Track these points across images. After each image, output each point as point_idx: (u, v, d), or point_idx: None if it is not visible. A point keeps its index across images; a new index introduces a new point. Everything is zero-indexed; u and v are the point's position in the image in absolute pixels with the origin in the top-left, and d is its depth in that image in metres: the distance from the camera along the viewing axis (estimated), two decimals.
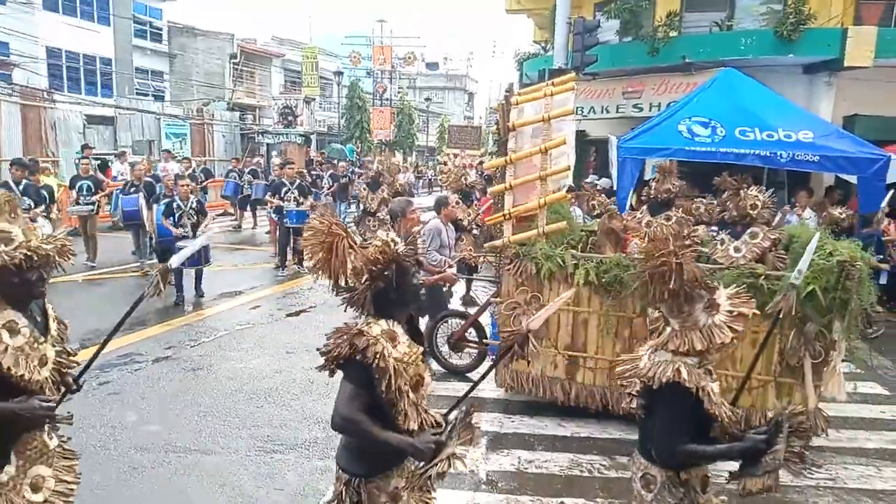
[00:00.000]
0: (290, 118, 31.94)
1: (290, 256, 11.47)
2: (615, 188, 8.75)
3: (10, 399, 2.29)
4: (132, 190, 10.75)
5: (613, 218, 5.79)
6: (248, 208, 16.22)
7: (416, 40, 46.07)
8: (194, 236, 8.44)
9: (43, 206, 8.80)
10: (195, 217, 8.87)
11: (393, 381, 2.22)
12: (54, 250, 2.36)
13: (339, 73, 34.56)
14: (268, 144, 31.15)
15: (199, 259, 8.55)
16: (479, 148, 40.93)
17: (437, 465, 2.24)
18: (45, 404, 2.32)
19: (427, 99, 46.13)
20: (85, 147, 15.27)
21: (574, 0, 12.74)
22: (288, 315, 8.46)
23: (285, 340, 7.30)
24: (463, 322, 6.44)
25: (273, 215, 12.05)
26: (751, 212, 5.51)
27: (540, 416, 5.47)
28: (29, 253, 2.28)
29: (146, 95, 28.74)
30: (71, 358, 2.60)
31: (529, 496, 4.24)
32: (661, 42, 11.72)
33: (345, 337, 2.27)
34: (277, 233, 12.09)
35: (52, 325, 2.52)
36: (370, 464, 2.39)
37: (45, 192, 9.21)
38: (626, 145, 8.41)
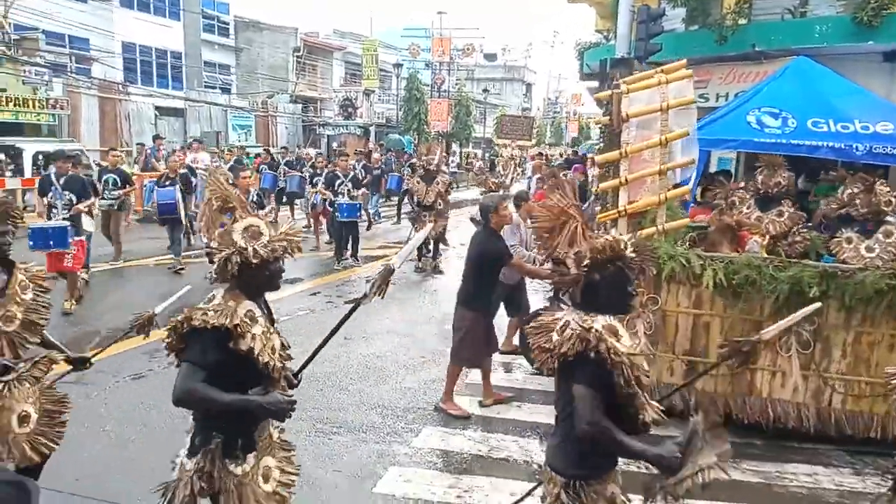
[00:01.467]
0: (349, 110, 32.52)
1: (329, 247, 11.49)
2: (678, 181, 8.53)
3: (248, 387, 2.39)
4: (167, 183, 10.17)
5: (725, 214, 5.54)
6: (284, 200, 15.10)
7: (475, 31, 45.97)
8: None
9: (89, 201, 8.23)
10: (255, 210, 8.87)
11: (630, 374, 2.16)
12: (294, 244, 2.50)
13: (398, 66, 34.86)
14: (328, 136, 31.83)
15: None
16: (530, 139, 40.69)
17: (694, 475, 2.08)
18: (288, 398, 2.39)
19: (485, 90, 45.96)
20: (156, 137, 15.99)
21: None
22: (346, 302, 8.65)
23: (343, 327, 7.46)
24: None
25: (327, 207, 11.76)
26: (885, 208, 5.16)
27: None
28: (282, 246, 2.43)
29: (214, 88, 29.78)
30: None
31: None
32: (730, 30, 11.31)
33: (573, 333, 2.19)
34: (326, 225, 12.17)
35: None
36: (592, 466, 2.33)
37: (89, 187, 8.58)
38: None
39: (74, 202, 7.93)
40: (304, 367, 2.70)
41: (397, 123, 35.52)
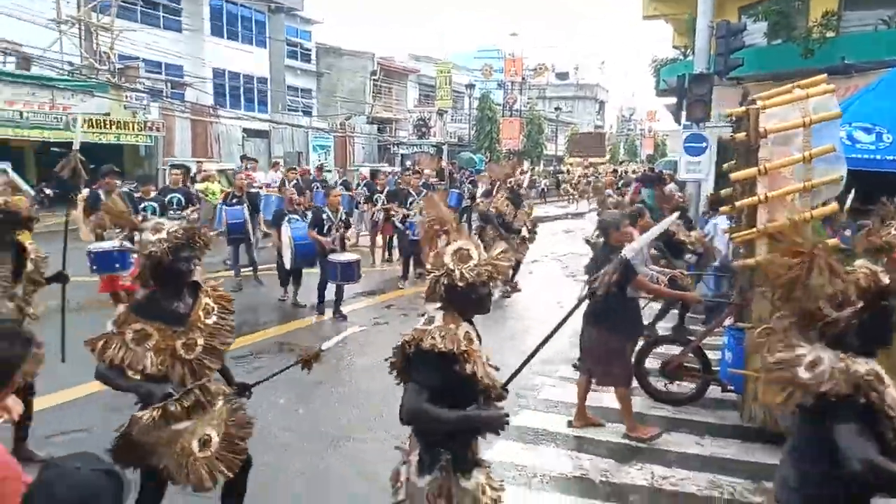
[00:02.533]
0: (423, 130, 33.17)
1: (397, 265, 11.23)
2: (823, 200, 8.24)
3: (465, 404, 2.45)
4: (234, 201, 10.01)
5: (874, 234, 5.32)
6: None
7: (548, 50, 45.90)
8: (343, 249, 8.55)
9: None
10: (343, 229, 8.64)
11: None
12: (501, 269, 2.53)
13: (470, 86, 35.37)
14: (402, 155, 32.55)
15: (353, 275, 8.25)
16: (603, 155, 39.89)
17: None
18: (502, 413, 2.45)
19: (557, 108, 45.82)
20: (244, 157, 16.80)
21: (717, 2, 12.18)
22: (420, 315, 8.83)
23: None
24: (681, 347, 5.89)
25: (398, 224, 11.19)
26: None
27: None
28: (488, 270, 2.47)
29: (296, 111, 31.13)
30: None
31: None
32: (816, 43, 10.92)
33: (835, 372, 2.09)
34: (393, 241, 12.06)
35: None
36: None
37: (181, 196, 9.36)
38: None
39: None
40: (510, 380, 2.69)
41: (469, 142, 35.92)
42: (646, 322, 8.12)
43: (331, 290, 8.50)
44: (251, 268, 10.35)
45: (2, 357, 1.73)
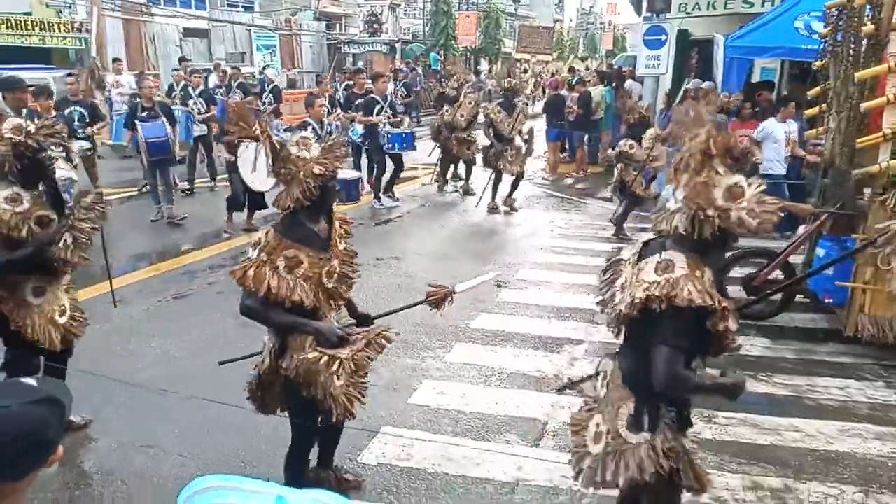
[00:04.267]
0: (375, 26, 31.50)
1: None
2: (719, 93, 8.17)
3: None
4: (144, 114, 8.16)
5: None
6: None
7: None
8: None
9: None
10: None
11: None
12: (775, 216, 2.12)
13: None
14: (353, 55, 31.03)
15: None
16: (550, 53, 38.73)
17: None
18: (744, 378, 2.29)
19: (515, 0, 43.89)
20: (182, 60, 15.77)
21: None
22: (377, 224, 8.74)
23: (378, 248, 7.53)
24: (766, 262, 5.54)
25: (355, 138, 9.53)
26: None
27: None
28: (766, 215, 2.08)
29: (236, 7, 29.02)
30: None
31: None
32: None
33: None
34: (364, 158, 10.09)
35: None
36: None
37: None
38: (734, 44, 7.79)
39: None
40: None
41: (424, 39, 34.40)
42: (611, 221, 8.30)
43: None
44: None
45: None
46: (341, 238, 2.92)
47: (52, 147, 3.41)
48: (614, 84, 13.92)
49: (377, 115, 9.33)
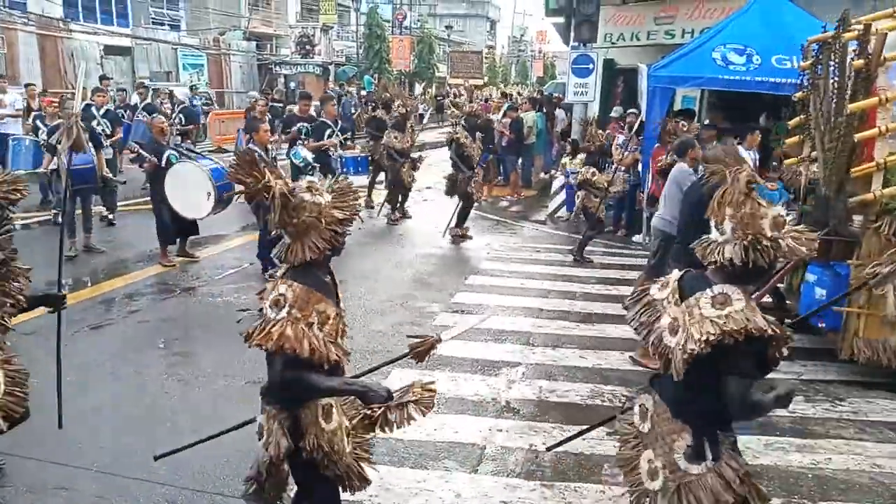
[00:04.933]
0: (307, 48, 31.29)
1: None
2: (643, 120, 8.51)
3: None
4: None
5: None
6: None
7: None
8: None
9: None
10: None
11: None
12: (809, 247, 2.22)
13: (356, 0, 33.53)
14: (285, 76, 30.67)
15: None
16: (481, 77, 39.61)
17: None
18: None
19: (448, 27, 44.73)
20: (103, 78, 15.11)
21: None
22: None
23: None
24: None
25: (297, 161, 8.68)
26: None
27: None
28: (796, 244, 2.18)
29: (161, 25, 28.20)
30: None
31: (551, 423, 4.33)
32: None
33: None
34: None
35: None
36: None
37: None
38: (657, 74, 8.13)
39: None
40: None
41: (358, 62, 34.45)
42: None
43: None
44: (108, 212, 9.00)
45: None
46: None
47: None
48: (545, 110, 14.31)
49: (328, 139, 9.10)
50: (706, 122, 9.28)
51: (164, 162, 7.16)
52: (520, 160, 13.17)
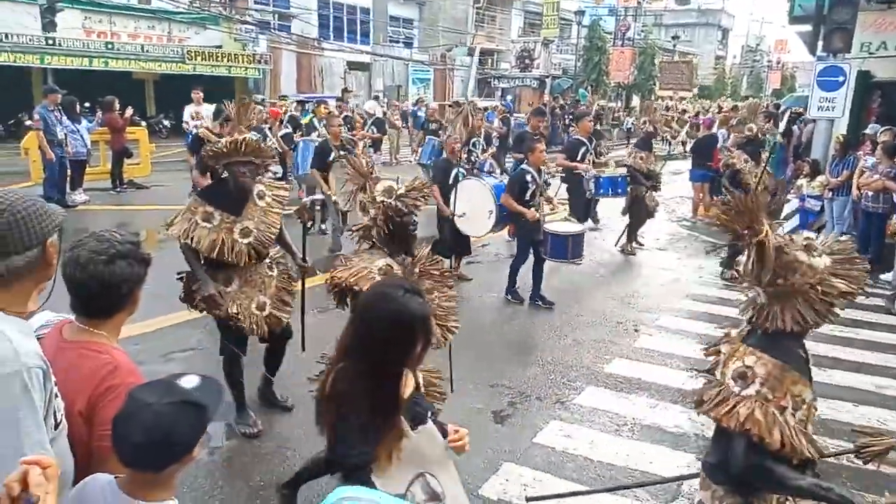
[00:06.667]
0: (526, 62, 31.97)
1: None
2: None
3: None
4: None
5: None
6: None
7: None
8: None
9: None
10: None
11: None
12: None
13: (579, 13, 33.40)
14: (503, 89, 31.67)
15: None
16: (689, 89, 36.50)
17: None
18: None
19: (674, 37, 42.50)
20: (345, 91, 16.96)
21: None
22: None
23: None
24: None
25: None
26: None
27: None
28: None
29: (397, 42, 30.84)
30: None
31: None
32: None
33: None
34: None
35: None
36: None
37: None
38: None
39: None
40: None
41: (575, 74, 34.30)
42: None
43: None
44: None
45: (123, 276, 1.75)
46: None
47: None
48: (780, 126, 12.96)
49: (582, 159, 8.42)
50: None
51: (451, 179, 6.98)
52: None
